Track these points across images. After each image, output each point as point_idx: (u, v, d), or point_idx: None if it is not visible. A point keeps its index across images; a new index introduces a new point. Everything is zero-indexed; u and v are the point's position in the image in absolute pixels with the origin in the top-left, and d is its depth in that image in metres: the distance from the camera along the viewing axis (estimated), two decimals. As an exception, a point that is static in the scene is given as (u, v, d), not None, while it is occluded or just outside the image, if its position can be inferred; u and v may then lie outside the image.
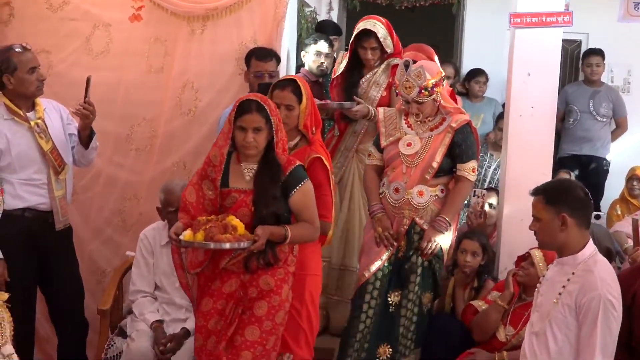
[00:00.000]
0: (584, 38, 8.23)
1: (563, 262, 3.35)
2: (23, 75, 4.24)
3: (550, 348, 3.25)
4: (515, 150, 4.78)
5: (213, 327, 3.65)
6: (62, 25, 5.08)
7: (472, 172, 4.35)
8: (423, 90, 4.19)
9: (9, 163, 4.28)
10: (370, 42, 4.96)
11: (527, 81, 4.71)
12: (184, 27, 5.07)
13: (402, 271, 4.40)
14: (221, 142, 3.63)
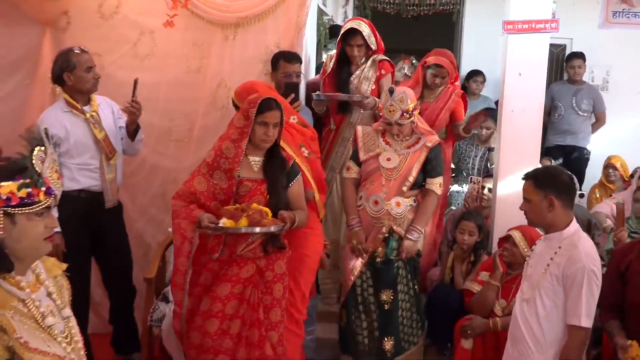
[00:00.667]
0: (568, 42, 8.27)
1: (550, 238, 3.43)
2: (81, 73, 4.34)
3: (539, 313, 3.34)
4: (507, 141, 4.83)
5: (234, 312, 3.60)
6: (112, 32, 5.13)
7: (439, 187, 4.44)
8: (405, 113, 4.25)
9: (67, 149, 4.36)
10: (356, 39, 5.01)
11: (519, 80, 4.76)
12: (219, 34, 5.13)
13: (387, 273, 4.43)
14: (236, 136, 3.63)
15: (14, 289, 2.11)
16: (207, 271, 3.64)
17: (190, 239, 3.58)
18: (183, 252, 3.61)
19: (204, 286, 3.64)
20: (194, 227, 3.55)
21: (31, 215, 2.09)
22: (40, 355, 2.05)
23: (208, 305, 3.59)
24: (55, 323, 2.19)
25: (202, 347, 3.59)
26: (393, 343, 4.42)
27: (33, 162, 2.07)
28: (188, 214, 3.58)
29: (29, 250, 2.14)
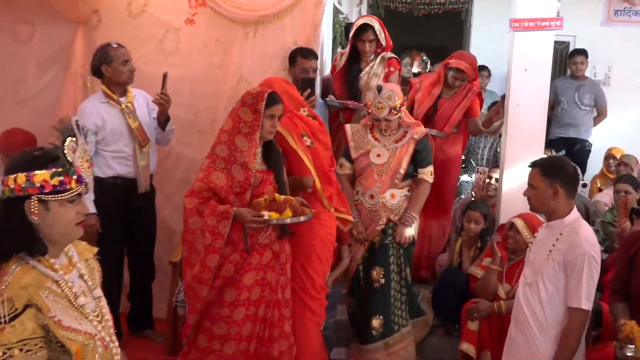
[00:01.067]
0: (572, 40, 8.24)
1: (552, 225, 3.40)
2: (117, 65, 4.42)
3: (541, 296, 3.32)
4: (513, 133, 4.80)
5: (258, 297, 3.59)
6: (139, 29, 5.14)
7: (430, 175, 4.43)
8: (392, 110, 4.24)
9: (104, 137, 4.45)
10: (368, 34, 5.04)
11: (524, 76, 4.73)
12: (240, 31, 5.11)
13: (380, 254, 4.43)
14: (247, 129, 3.56)
15: (49, 271, 2.12)
16: (229, 263, 3.52)
17: (223, 235, 3.46)
18: (215, 248, 3.48)
19: (225, 278, 3.53)
20: (227, 223, 3.44)
21: (63, 202, 2.10)
22: (72, 333, 2.07)
23: (235, 295, 3.53)
24: (86, 303, 2.21)
25: (227, 336, 3.54)
26: (382, 322, 4.40)
27: (65, 152, 2.08)
28: (213, 210, 3.46)
29: (61, 234, 2.15)
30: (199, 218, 3.50)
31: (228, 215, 3.44)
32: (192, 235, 3.54)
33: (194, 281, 3.54)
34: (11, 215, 2.07)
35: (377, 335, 4.40)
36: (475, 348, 4.33)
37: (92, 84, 5.26)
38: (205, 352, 3.56)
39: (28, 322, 1.99)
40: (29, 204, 2.06)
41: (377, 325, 4.40)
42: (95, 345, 2.12)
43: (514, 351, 3.49)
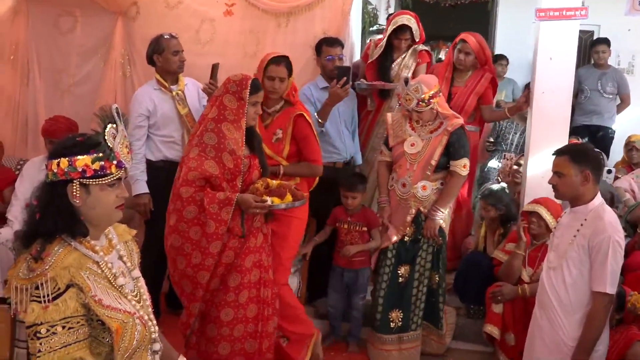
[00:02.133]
0: (596, 29, 8.12)
1: (576, 211, 3.34)
2: (168, 55, 4.53)
3: (566, 280, 3.28)
4: (538, 121, 4.73)
5: (257, 279, 3.59)
6: (176, 20, 5.14)
7: (463, 168, 4.29)
8: (420, 102, 4.17)
9: (155, 122, 4.56)
10: (405, 35, 4.99)
11: (549, 64, 4.65)
12: (272, 21, 5.12)
13: (409, 251, 4.36)
14: (233, 117, 3.50)
15: (89, 252, 2.13)
16: (229, 249, 3.48)
17: (226, 221, 3.40)
18: (219, 235, 3.42)
19: (226, 264, 3.50)
20: (229, 209, 3.38)
21: (104, 186, 2.10)
22: (112, 312, 2.07)
23: (238, 279, 3.52)
24: (125, 283, 2.21)
25: (235, 320, 3.53)
26: (401, 316, 4.37)
27: (105, 138, 2.08)
28: (213, 198, 3.39)
29: (102, 217, 2.15)
30: (194, 207, 3.42)
31: (231, 202, 3.39)
32: (187, 225, 3.43)
33: (194, 270, 3.46)
34: (54, 198, 2.08)
35: (394, 328, 4.37)
36: (500, 330, 4.31)
37: (131, 73, 5.30)
38: (217, 339, 3.54)
39: (70, 301, 2.00)
40: (71, 188, 2.07)
41: (395, 317, 4.37)
42: (135, 324, 2.12)
43: (539, 334, 3.45)
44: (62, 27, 5.41)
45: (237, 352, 3.55)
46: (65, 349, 1.98)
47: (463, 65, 5.08)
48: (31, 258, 2.03)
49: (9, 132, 5.61)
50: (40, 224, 2.06)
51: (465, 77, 5.15)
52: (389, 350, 4.37)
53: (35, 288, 1.98)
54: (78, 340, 2.01)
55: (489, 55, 5.17)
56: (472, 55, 5.04)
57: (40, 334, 1.96)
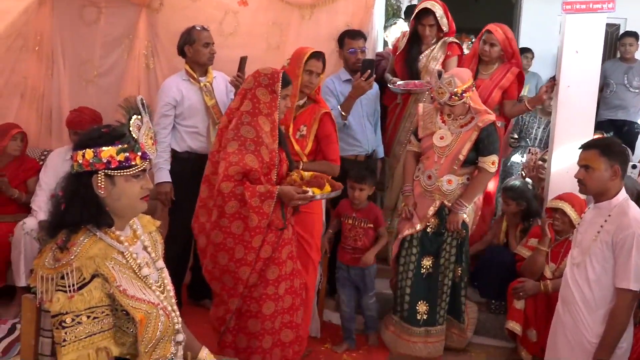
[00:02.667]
0: (622, 22, 8.01)
1: (600, 207, 3.31)
2: (199, 47, 4.57)
3: (589, 277, 3.25)
4: (563, 115, 4.66)
5: (291, 270, 3.59)
6: (200, 12, 5.14)
7: (491, 164, 4.23)
8: (453, 95, 4.12)
9: (181, 112, 4.59)
10: (428, 19, 4.87)
11: (575, 58, 4.58)
12: (296, 13, 5.10)
13: (433, 242, 4.32)
14: (267, 110, 3.46)
15: (114, 243, 2.15)
16: (267, 244, 3.43)
17: (268, 214, 3.36)
18: (261, 229, 3.38)
19: (264, 259, 3.45)
20: (271, 202, 3.34)
21: (128, 177, 2.12)
22: (137, 302, 2.09)
23: (277, 272, 3.49)
24: (150, 274, 2.23)
25: (275, 313, 3.51)
26: (427, 308, 4.34)
27: (130, 130, 2.09)
28: (254, 191, 3.34)
29: (126, 208, 2.17)
30: (235, 202, 3.37)
31: (272, 195, 3.35)
32: (229, 220, 3.38)
33: (237, 265, 3.42)
34: (80, 189, 2.09)
35: (420, 320, 4.34)
36: (521, 326, 4.28)
37: (155, 65, 5.33)
38: (260, 334, 3.49)
39: (95, 291, 2.02)
40: (96, 179, 2.08)
41: (423, 310, 4.34)
42: (158, 314, 2.14)
43: (561, 330, 3.43)
44: (87, 18, 5.45)
45: (275, 344, 3.55)
46: (90, 339, 2.00)
47: (488, 57, 4.99)
48: (57, 248, 2.05)
49: (33, 122, 5.65)
50: (66, 214, 2.08)
51: (490, 69, 5.06)
52: (415, 342, 4.35)
53: (60, 278, 2.00)
54: (103, 330, 2.03)
55: (516, 49, 5.06)
56: (498, 46, 4.94)
57: (65, 323, 1.98)
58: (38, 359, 2.23)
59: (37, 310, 2.19)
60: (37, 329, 2.22)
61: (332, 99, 4.74)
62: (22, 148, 5.11)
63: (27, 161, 5.19)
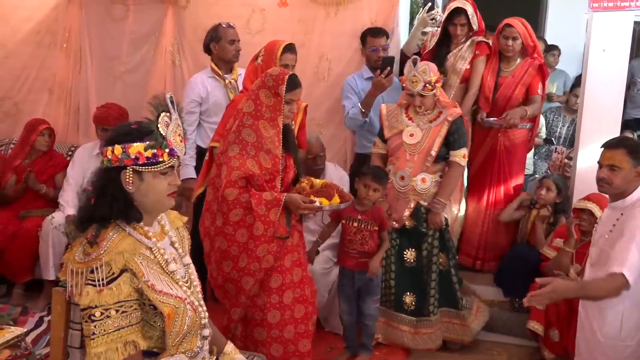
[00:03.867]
0: (650, 20, 7.89)
1: (614, 206, 3.22)
2: (225, 44, 4.60)
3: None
4: (589, 113, 4.63)
5: (300, 278, 3.46)
6: (226, 10, 5.17)
7: (462, 158, 4.19)
8: (427, 84, 4.02)
9: (206, 109, 4.64)
10: (460, 18, 4.78)
11: (602, 56, 4.54)
12: (321, 11, 5.10)
13: (413, 236, 4.28)
14: (269, 114, 3.27)
15: (143, 238, 2.17)
16: (269, 253, 3.30)
17: (273, 223, 3.23)
18: (267, 238, 3.25)
19: (265, 269, 3.32)
20: (277, 211, 3.22)
21: (156, 174, 2.13)
22: (164, 297, 2.11)
23: (280, 280, 3.37)
24: (177, 269, 2.25)
25: (283, 322, 3.38)
26: (414, 299, 4.29)
27: (159, 127, 2.10)
28: (260, 199, 3.22)
29: (154, 203, 2.19)
30: (240, 209, 3.25)
31: (279, 203, 3.22)
32: (233, 227, 3.27)
33: (239, 274, 3.32)
34: (109, 184, 2.11)
35: (408, 310, 4.31)
36: (543, 326, 4.24)
37: (181, 61, 5.37)
38: (267, 342, 3.40)
39: (124, 286, 2.04)
40: (125, 174, 2.10)
41: (409, 301, 4.31)
42: (185, 309, 2.16)
43: (582, 331, 3.39)
44: (115, 15, 5.51)
45: (291, 354, 3.42)
46: (119, 332, 2.02)
47: (511, 51, 4.82)
48: (87, 242, 2.08)
49: (61, 118, 5.73)
50: (96, 209, 2.10)
51: (512, 66, 4.91)
52: (403, 331, 4.31)
53: (90, 272, 2.03)
54: (131, 324, 2.05)
55: (536, 42, 4.93)
56: (519, 39, 4.78)
57: (94, 316, 2.00)
58: (67, 351, 2.26)
59: (67, 303, 2.22)
60: (67, 321, 2.25)
61: (353, 97, 4.74)
62: (49, 143, 5.17)
63: (54, 156, 5.25)
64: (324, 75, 5.16)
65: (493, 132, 4.86)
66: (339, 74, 5.11)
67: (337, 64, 5.15)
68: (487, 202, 4.99)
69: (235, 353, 2.46)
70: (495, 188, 4.96)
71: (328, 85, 5.16)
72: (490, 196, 4.97)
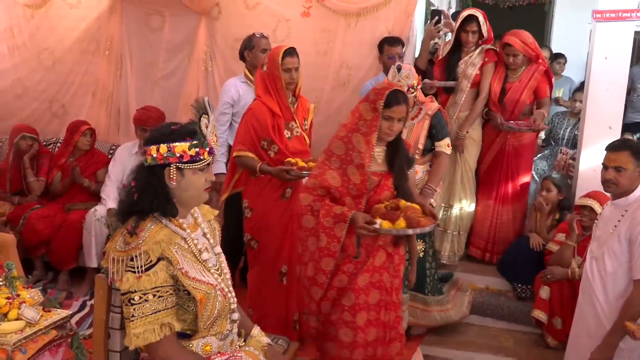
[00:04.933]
0: (649, 30, 7.80)
1: (617, 203, 3.23)
2: (257, 52, 4.58)
3: (607, 269, 3.18)
4: (592, 117, 4.60)
5: (377, 301, 3.04)
6: (255, 20, 5.17)
7: (447, 147, 4.16)
8: (410, 88, 3.92)
9: (237, 111, 4.61)
10: (472, 25, 4.74)
11: (604, 63, 4.51)
12: (342, 21, 5.07)
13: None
14: (365, 129, 2.94)
15: (178, 229, 2.19)
16: (343, 274, 3.00)
17: (339, 238, 2.91)
18: (330, 251, 2.95)
19: (338, 288, 3.01)
20: (344, 226, 2.89)
21: (196, 170, 2.16)
22: (197, 283, 2.13)
23: (353, 299, 2.97)
24: (209, 258, 2.26)
25: (354, 343, 2.99)
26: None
27: (200, 127, 2.13)
28: (329, 211, 2.93)
29: (192, 198, 2.21)
30: (311, 217, 2.99)
31: (345, 218, 2.89)
32: (305, 234, 3.04)
33: (309, 282, 3.07)
34: (152, 180, 2.14)
35: None
36: (547, 315, 4.24)
37: (213, 68, 5.39)
38: (338, 358, 3.05)
39: (160, 272, 2.07)
40: (169, 171, 2.13)
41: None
42: (216, 295, 2.17)
43: (582, 320, 3.37)
44: (152, 25, 5.54)
45: None
46: (155, 315, 2.05)
47: (515, 65, 4.84)
48: (127, 233, 2.11)
49: (103, 119, 5.78)
50: (138, 202, 2.13)
51: (518, 73, 4.89)
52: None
53: (130, 260, 2.06)
54: (167, 308, 2.08)
55: (538, 50, 4.88)
56: (520, 54, 4.77)
57: (134, 300, 2.03)
58: (108, 331, 2.29)
59: (109, 288, 2.25)
60: (108, 305, 2.28)
61: None
62: (91, 143, 5.22)
63: (96, 154, 5.30)
64: (344, 81, 5.14)
65: (503, 133, 4.82)
66: (359, 80, 5.08)
67: (357, 70, 5.12)
68: (496, 198, 4.95)
69: (262, 336, 2.47)
70: (504, 185, 4.92)
71: (348, 91, 5.13)
72: (499, 193, 4.93)
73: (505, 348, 4.34)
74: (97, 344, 2.30)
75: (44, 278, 5.08)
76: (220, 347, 2.24)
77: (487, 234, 4.99)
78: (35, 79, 5.94)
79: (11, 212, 5.00)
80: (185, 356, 2.12)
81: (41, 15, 5.85)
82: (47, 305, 2.69)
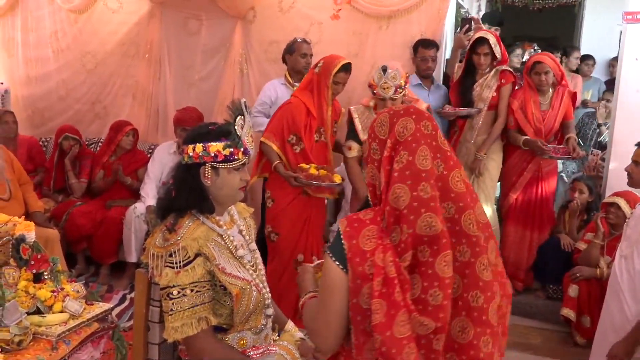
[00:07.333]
0: (680, 31, 7.62)
1: None
2: (297, 57, 4.67)
3: (635, 268, 3.11)
4: (622, 118, 4.53)
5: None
6: (288, 23, 5.18)
7: None
8: (398, 89, 3.86)
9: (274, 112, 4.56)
10: (483, 48, 4.56)
11: (634, 65, 4.44)
12: (374, 24, 5.05)
13: None
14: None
15: (215, 226, 2.19)
16: None
17: None
18: None
19: None
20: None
21: (231, 170, 2.16)
22: (233, 279, 2.13)
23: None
24: (244, 254, 2.26)
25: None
26: None
27: (235, 128, 2.14)
28: None
29: (227, 196, 2.21)
30: None
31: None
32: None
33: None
34: (188, 178, 2.15)
35: None
36: (575, 313, 4.20)
37: (248, 70, 5.41)
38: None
39: (198, 268, 2.07)
40: (204, 170, 2.14)
41: None
42: (251, 290, 2.17)
43: (609, 318, 3.30)
44: (190, 28, 5.58)
45: None
46: (193, 309, 2.06)
47: (546, 84, 4.61)
48: (166, 229, 2.12)
49: (142, 120, 5.84)
50: (175, 200, 2.14)
51: (547, 98, 4.69)
52: None
53: (169, 255, 2.07)
54: (204, 302, 2.09)
55: (563, 70, 4.79)
56: (551, 72, 4.58)
57: (172, 295, 2.04)
58: (148, 324, 2.31)
59: (148, 283, 2.26)
60: (148, 299, 2.29)
61: None
62: (133, 142, 5.30)
63: (137, 153, 5.37)
64: (376, 82, 5.09)
65: (535, 159, 4.64)
66: (390, 82, 5.05)
67: (389, 72, 5.08)
68: (532, 227, 4.76)
69: (295, 331, 2.46)
70: (539, 212, 4.75)
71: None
72: (535, 221, 4.75)
73: (533, 346, 4.29)
74: (137, 337, 2.32)
75: (85, 272, 5.16)
76: (255, 341, 2.25)
77: (526, 265, 4.80)
78: (78, 81, 6.03)
79: (55, 209, 5.09)
80: (221, 350, 2.13)
81: (84, 20, 5.93)
82: (89, 299, 2.72)
